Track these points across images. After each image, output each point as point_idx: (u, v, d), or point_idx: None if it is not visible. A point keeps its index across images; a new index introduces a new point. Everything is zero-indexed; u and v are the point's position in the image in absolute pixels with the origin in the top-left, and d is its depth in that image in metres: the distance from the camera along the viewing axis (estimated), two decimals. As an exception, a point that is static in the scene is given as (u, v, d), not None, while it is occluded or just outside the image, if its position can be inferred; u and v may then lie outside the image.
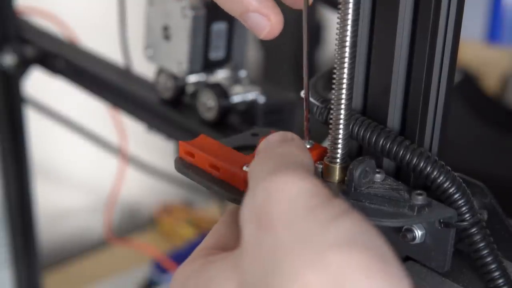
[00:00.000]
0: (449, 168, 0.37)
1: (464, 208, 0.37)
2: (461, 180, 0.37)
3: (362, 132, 0.39)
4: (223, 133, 0.58)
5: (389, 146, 0.38)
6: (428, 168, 0.37)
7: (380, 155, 0.38)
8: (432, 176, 0.37)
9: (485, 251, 0.37)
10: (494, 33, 1.24)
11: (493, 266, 0.37)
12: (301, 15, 0.39)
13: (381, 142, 0.38)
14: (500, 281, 0.37)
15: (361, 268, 0.28)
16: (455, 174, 0.37)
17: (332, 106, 0.38)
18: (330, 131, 0.38)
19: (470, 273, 0.39)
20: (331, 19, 1.27)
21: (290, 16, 0.43)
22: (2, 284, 0.84)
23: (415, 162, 0.37)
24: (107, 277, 1.00)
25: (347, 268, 0.28)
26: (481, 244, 0.37)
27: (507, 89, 1.17)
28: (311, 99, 0.41)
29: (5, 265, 0.84)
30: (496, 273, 0.37)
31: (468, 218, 0.37)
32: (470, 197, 0.37)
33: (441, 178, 0.36)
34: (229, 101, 0.59)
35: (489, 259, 0.37)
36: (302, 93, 0.41)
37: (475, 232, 0.37)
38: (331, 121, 0.38)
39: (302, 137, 0.41)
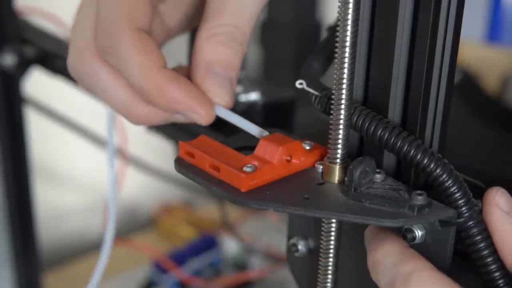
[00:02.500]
0: (446, 161, 0.37)
1: (461, 202, 0.36)
2: (460, 176, 0.37)
3: (360, 122, 0.38)
4: (223, 133, 0.58)
5: (387, 136, 0.38)
6: (425, 161, 0.37)
7: (378, 145, 0.38)
8: (428, 169, 0.36)
9: (486, 252, 0.37)
10: (494, 33, 1.24)
11: (493, 266, 0.37)
12: (301, 16, 0.39)
13: (379, 133, 0.38)
14: (501, 281, 0.37)
15: None
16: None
17: (332, 107, 0.38)
18: (330, 131, 0.38)
19: (470, 273, 0.39)
20: (331, 19, 1.27)
21: (290, 16, 0.43)
22: (2, 284, 0.84)
23: (412, 153, 0.37)
24: (107, 277, 1.00)
25: None
26: (482, 245, 0.37)
27: (507, 89, 1.17)
28: (308, 88, 0.41)
29: (5, 265, 0.84)
30: (497, 274, 0.37)
31: (464, 211, 0.37)
32: (467, 191, 0.37)
33: (437, 171, 0.36)
34: (229, 101, 0.59)
35: (489, 259, 0.37)
36: (298, 83, 0.41)
37: (472, 225, 0.37)
38: (331, 122, 0.38)
39: (302, 136, 0.41)
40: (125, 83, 0.41)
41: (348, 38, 0.36)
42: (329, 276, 0.42)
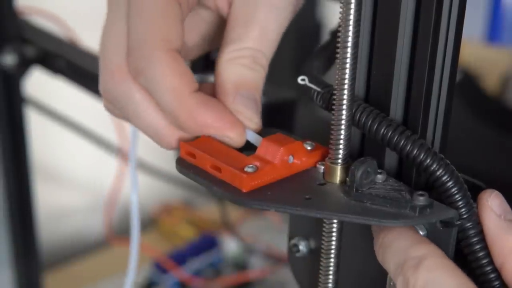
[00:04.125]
0: (448, 161, 0.37)
1: (461, 203, 0.36)
2: (461, 178, 0.37)
3: (363, 119, 0.38)
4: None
5: (390, 135, 0.38)
6: (428, 160, 0.37)
7: (380, 143, 0.38)
8: (431, 168, 0.36)
9: (482, 253, 0.37)
10: (494, 33, 1.24)
11: (489, 268, 0.37)
12: (301, 16, 0.39)
13: (381, 131, 0.38)
14: (496, 283, 0.37)
15: None
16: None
17: (333, 107, 0.38)
18: (331, 131, 0.38)
19: (471, 273, 0.39)
20: (331, 18, 1.27)
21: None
22: (2, 284, 0.84)
23: (415, 152, 0.37)
24: (107, 277, 1.00)
25: None
26: (478, 246, 0.37)
27: (507, 89, 1.17)
28: (310, 84, 0.41)
29: (5, 265, 0.84)
30: (492, 275, 0.37)
31: (464, 213, 0.37)
32: (467, 192, 0.37)
33: (440, 171, 0.36)
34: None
35: (485, 261, 0.37)
36: (300, 79, 0.41)
37: (470, 226, 0.37)
38: (332, 122, 0.38)
39: (303, 136, 0.41)
40: (158, 107, 0.40)
41: (350, 39, 0.36)
42: (330, 277, 0.42)
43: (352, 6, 0.35)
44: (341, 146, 0.38)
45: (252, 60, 0.41)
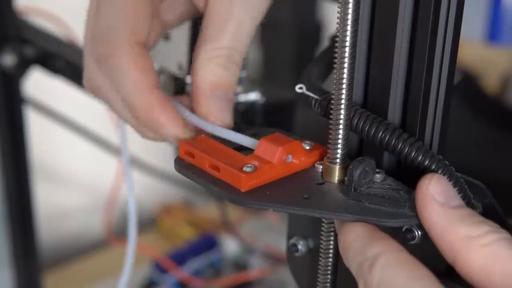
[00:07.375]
0: (447, 162, 0.37)
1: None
2: (461, 178, 0.37)
3: (361, 124, 0.38)
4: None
5: (388, 138, 0.38)
6: (427, 163, 0.36)
7: (379, 147, 0.38)
8: (430, 170, 0.36)
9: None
10: (494, 33, 1.24)
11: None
12: (301, 16, 0.39)
13: (379, 135, 0.38)
14: None
15: None
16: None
17: (332, 107, 0.38)
18: (330, 131, 0.38)
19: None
20: (331, 19, 1.27)
21: (290, 17, 0.43)
22: (2, 284, 0.84)
23: (414, 155, 0.37)
24: (107, 277, 1.00)
25: None
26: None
27: (507, 89, 1.17)
28: (308, 92, 0.41)
29: (5, 265, 0.84)
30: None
31: None
32: (468, 193, 0.37)
33: (439, 173, 0.36)
34: (229, 101, 0.59)
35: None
36: (298, 88, 0.41)
37: None
38: (331, 122, 0.38)
39: (302, 136, 0.41)
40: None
41: (348, 38, 0.36)
42: (329, 276, 0.42)
43: (350, 5, 0.35)
44: (339, 146, 0.38)
45: (227, 59, 0.42)
